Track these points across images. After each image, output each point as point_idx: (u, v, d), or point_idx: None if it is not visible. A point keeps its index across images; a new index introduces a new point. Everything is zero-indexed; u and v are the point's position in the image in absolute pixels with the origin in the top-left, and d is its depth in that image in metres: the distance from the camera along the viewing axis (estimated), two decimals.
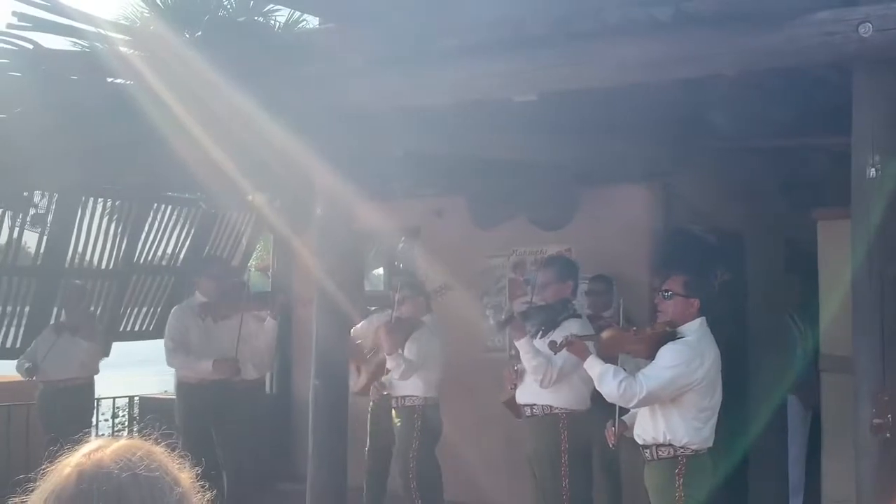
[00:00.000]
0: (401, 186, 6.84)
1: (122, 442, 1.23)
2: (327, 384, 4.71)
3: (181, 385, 6.57)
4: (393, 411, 5.91)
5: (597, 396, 4.97)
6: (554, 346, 4.37)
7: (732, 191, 5.75)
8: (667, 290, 4.27)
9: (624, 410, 4.33)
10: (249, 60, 4.51)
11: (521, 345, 4.91)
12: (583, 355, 4.22)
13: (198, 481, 1.26)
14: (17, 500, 1.22)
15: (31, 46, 4.06)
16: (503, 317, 5.12)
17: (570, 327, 5.05)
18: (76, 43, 5.45)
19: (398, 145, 5.10)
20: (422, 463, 5.73)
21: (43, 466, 1.24)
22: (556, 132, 4.99)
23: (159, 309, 8.94)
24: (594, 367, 4.16)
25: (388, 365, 5.73)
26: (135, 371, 12.86)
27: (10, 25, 3.85)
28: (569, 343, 4.22)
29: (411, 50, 3.97)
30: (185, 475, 1.23)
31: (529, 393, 5.08)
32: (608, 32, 3.48)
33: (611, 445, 4.43)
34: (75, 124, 5.42)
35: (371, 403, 6.22)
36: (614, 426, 4.33)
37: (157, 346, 9.96)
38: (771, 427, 5.59)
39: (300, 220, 8.05)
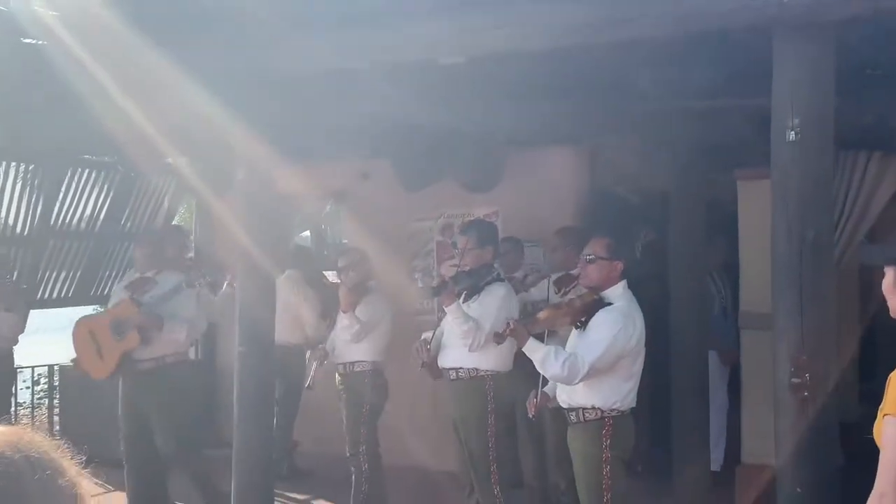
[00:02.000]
0: (324, 150, 6.74)
1: (6, 428, 1.23)
2: (252, 350, 4.66)
3: None
4: (338, 377, 5.87)
5: (518, 358, 5.03)
6: (499, 338, 4.36)
7: (656, 153, 5.82)
8: (589, 254, 4.28)
9: (546, 381, 4.35)
10: (170, 22, 4.36)
11: (452, 310, 4.91)
12: (522, 340, 4.21)
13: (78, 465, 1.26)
14: None
15: None
16: (435, 283, 5.09)
17: (495, 291, 5.07)
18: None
19: (321, 110, 5.00)
20: (371, 427, 5.74)
21: None
22: (483, 95, 4.96)
23: (78, 274, 8.70)
24: (535, 351, 4.15)
25: (341, 325, 5.69)
26: (54, 338, 12.53)
27: None
28: (511, 330, 4.21)
29: (335, 12, 3.88)
30: (70, 462, 1.24)
31: (454, 357, 5.09)
32: None
33: (531, 416, 4.46)
34: None
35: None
36: (536, 397, 4.37)
37: (76, 313, 9.72)
38: (692, 385, 5.71)
39: (221, 184, 7.90)
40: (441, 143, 6.25)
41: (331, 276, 8.08)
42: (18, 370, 8.00)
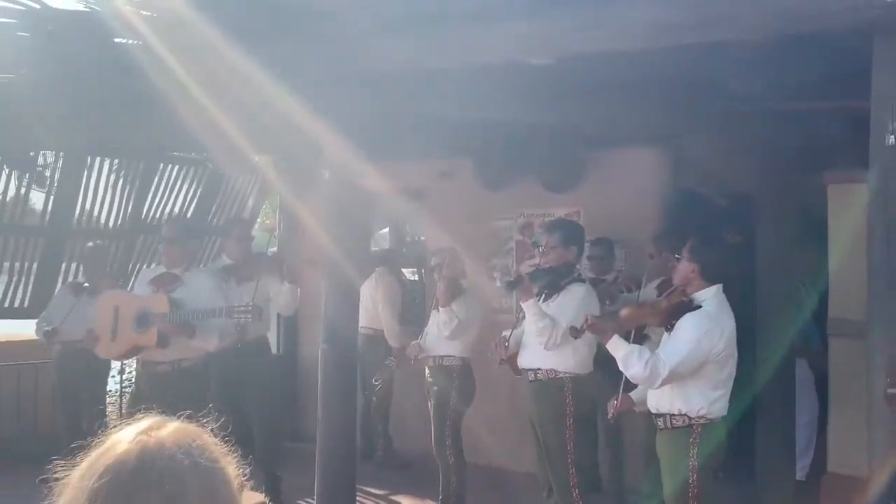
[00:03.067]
0: (407, 148, 6.79)
1: (178, 425, 1.20)
2: (336, 347, 4.72)
3: None
4: (427, 370, 5.93)
5: (599, 361, 5.00)
6: (575, 332, 4.34)
7: (744, 154, 5.70)
8: (677, 255, 4.26)
9: (630, 385, 4.31)
10: (259, 21, 4.45)
11: (528, 306, 4.91)
12: (606, 336, 4.18)
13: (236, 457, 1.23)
14: (57, 472, 1.18)
15: (38, 6, 4.00)
16: (511, 278, 5.10)
17: (575, 291, 5.05)
18: (83, 2, 5.38)
19: (409, 109, 5.04)
20: (457, 422, 5.80)
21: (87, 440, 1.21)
22: (567, 94, 4.93)
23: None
24: (618, 348, 4.12)
25: (437, 320, 5.74)
26: None
27: None
28: (590, 325, 4.18)
29: (427, 12, 3.90)
30: (234, 469, 1.21)
31: (533, 357, 5.08)
32: None
33: (609, 419, 4.42)
34: (81, 84, 5.38)
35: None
36: (616, 400, 4.33)
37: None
38: (778, 392, 5.59)
39: (305, 182, 8.04)
40: (523, 143, 6.24)
41: (408, 273, 8.18)
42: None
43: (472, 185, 7.27)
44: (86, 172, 7.73)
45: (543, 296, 5.06)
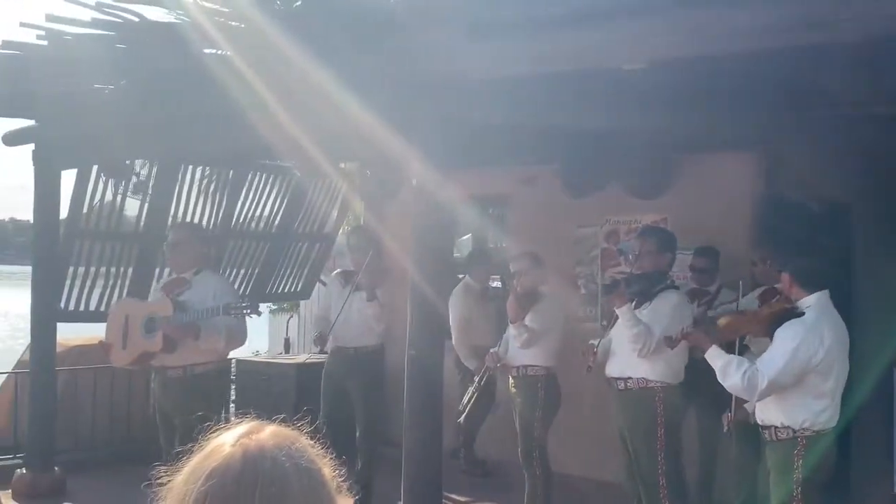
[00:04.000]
0: (492, 155, 6.78)
1: (275, 428, 1.21)
2: (422, 353, 4.73)
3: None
4: (511, 380, 5.91)
5: (691, 370, 4.90)
6: (670, 342, 4.26)
7: (839, 160, 5.52)
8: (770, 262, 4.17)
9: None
10: (343, 31, 4.50)
11: (622, 312, 4.83)
12: (704, 346, 4.10)
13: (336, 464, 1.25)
14: (160, 477, 1.21)
15: (136, 19, 4.13)
16: (608, 283, 5.03)
17: (668, 298, 4.97)
18: (175, 15, 5.54)
19: (495, 114, 5.03)
20: (544, 433, 5.75)
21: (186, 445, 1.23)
22: (659, 99, 4.85)
23: (255, 272, 9.14)
24: (716, 358, 4.03)
25: (511, 334, 5.73)
26: None
27: None
28: (685, 336, 4.11)
29: (514, 19, 3.89)
30: (330, 471, 1.22)
31: (623, 365, 5.00)
32: None
33: (725, 430, 4.32)
34: (174, 94, 5.53)
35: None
36: (731, 412, 4.24)
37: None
38: (876, 404, 5.38)
39: (390, 189, 8.11)
40: (610, 149, 6.16)
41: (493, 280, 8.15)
42: None
43: (556, 192, 7.23)
44: (178, 180, 7.95)
45: (635, 302, 4.99)
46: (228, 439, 1.18)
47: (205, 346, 5.25)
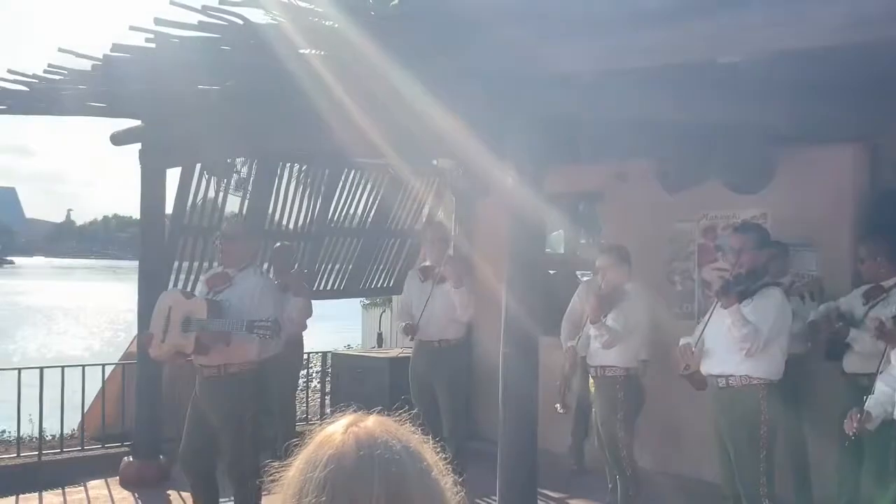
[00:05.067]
0: (586, 150, 6.73)
1: (378, 417, 1.24)
2: (517, 352, 4.74)
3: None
4: (591, 380, 5.88)
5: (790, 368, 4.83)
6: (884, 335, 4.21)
7: None
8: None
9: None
10: (435, 28, 4.53)
11: (731, 312, 4.73)
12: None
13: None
14: (271, 474, 1.25)
15: (241, 22, 4.25)
16: (720, 284, 4.93)
17: (771, 295, 4.87)
18: (272, 16, 5.68)
19: (588, 110, 5.00)
20: (629, 432, 5.70)
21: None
22: (757, 93, 4.75)
23: (349, 268, 9.31)
24: None
25: (591, 332, 5.70)
26: (328, 326, 13.45)
27: (222, 1, 4.04)
28: (880, 329, 4.02)
29: (608, 14, 3.86)
30: (433, 455, 1.24)
31: (724, 363, 4.91)
32: None
33: (850, 433, 4.20)
34: (273, 94, 5.67)
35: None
36: (860, 413, 4.12)
37: (339, 304, 10.40)
38: None
39: (482, 185, 8.13)
40: (708, 143, 6.05)
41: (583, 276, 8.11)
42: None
43: (651, 187, 7.13)
44: (276, 178, 8.15)
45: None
46: (337, 428, 1.22)
47: (236, 352, 5.18)
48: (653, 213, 7.30)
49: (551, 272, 8.54)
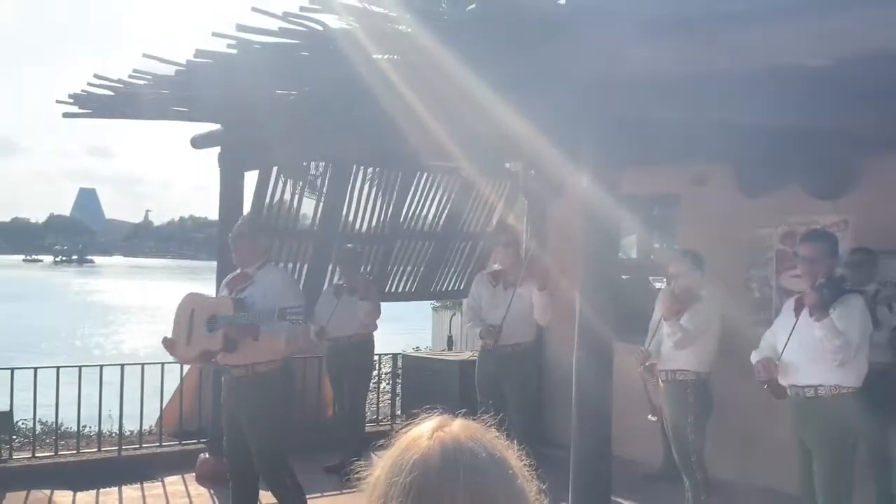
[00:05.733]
0: (663, 154, 6.65)
1: (463, 421, 1.24)
2: (591, 356, 4.70)
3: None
4: (661, 384, 5.81)
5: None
6: None
7: None
8: None
9: None
10: (510, 32, 4.52)
11: (824, 325, 4.61)
12: None
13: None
14: (357, 472, 1.26)
15: (320, 28, 4.30)
16: (814, 298, 4.78)
17: (852, 303, 4.73)
18: (347, 21, 5.75)
19: (667, 112, 4.93)
20: (700, 438, 5.64)
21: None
22: (844, 97, 4.63)
23: (420, 271, 9.35)
24: None
25: (664, 331, 5.64)
26: (397, 328, 13.53)
27: (302, 8, 4.10)
28: None
29: (691, 15, 3.80)
30: (517, 461, 1.23)
31: (813, 374, 4.77)
32: None
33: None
34: (350, 99, 5.72)
35: None
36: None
37: (408, 306, 10.45)
38: None
39: (555, 187, 8.10)
40: (790, 147, 5.92)
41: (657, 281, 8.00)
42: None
43: (729, 191, 7.01)
44: (350, 181, 8.24)
45: None
46: (423, 433, 1.21)
47: (265, 347, 5.13)
48: (730, 218, 7.17)
49: (624, 277, 8.45)
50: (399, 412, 9.07)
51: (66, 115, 6.44)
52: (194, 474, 7.20)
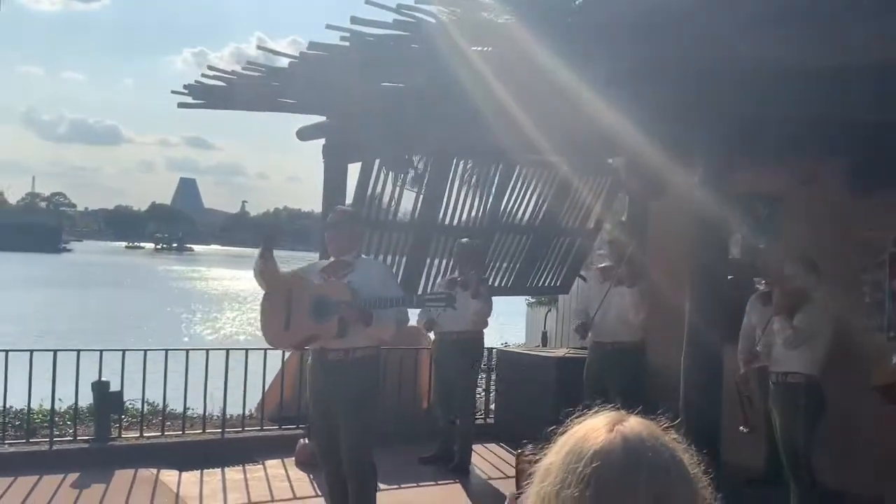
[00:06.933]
0: (769, 151, 6.47)
1: (640, 419, 1.21)
2: (699, 361, 4.62)
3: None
4: (771, 386, 5.68)
5: None
6: None
7: None
8: None
9: None
10: (615, 26, 4.46)
11: None
12: None
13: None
14: (528, 456, 1.25)
15: (433, 21, 4.34)
16: None
17: None
18: (451, 11, 5.77)
19: (783, 107, 4.80)
20: (810, 443, 5.49)
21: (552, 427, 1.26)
22: None
23: (517, 266, 9.32)
24: None
25: (774, 328, 5.51)
26: (493, 322, 13.48)
27: (418, 0, 4.14)
28: None
29: (799, 8, 3.69)
30: (699, 470, 1.20)
31: None
32: None
33: None
34: (453, 92, 5.75)
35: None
36: None
37: (501, 301, 10.41)
38: None
39: (657, 185, 7.95)
40: None
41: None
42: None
43: (839, 190, 6.77)
44: (450, 174, 8.27)
45: None
46: (599, 424, 1.20)
47: (374, 334, 5.06)
48: (841, 219, 6.93)
49: (728, 277, 8.26)
50: (493, 406, 9.06)
51: (180, 105, 6.64)
52: (293, 459, 7.33)
